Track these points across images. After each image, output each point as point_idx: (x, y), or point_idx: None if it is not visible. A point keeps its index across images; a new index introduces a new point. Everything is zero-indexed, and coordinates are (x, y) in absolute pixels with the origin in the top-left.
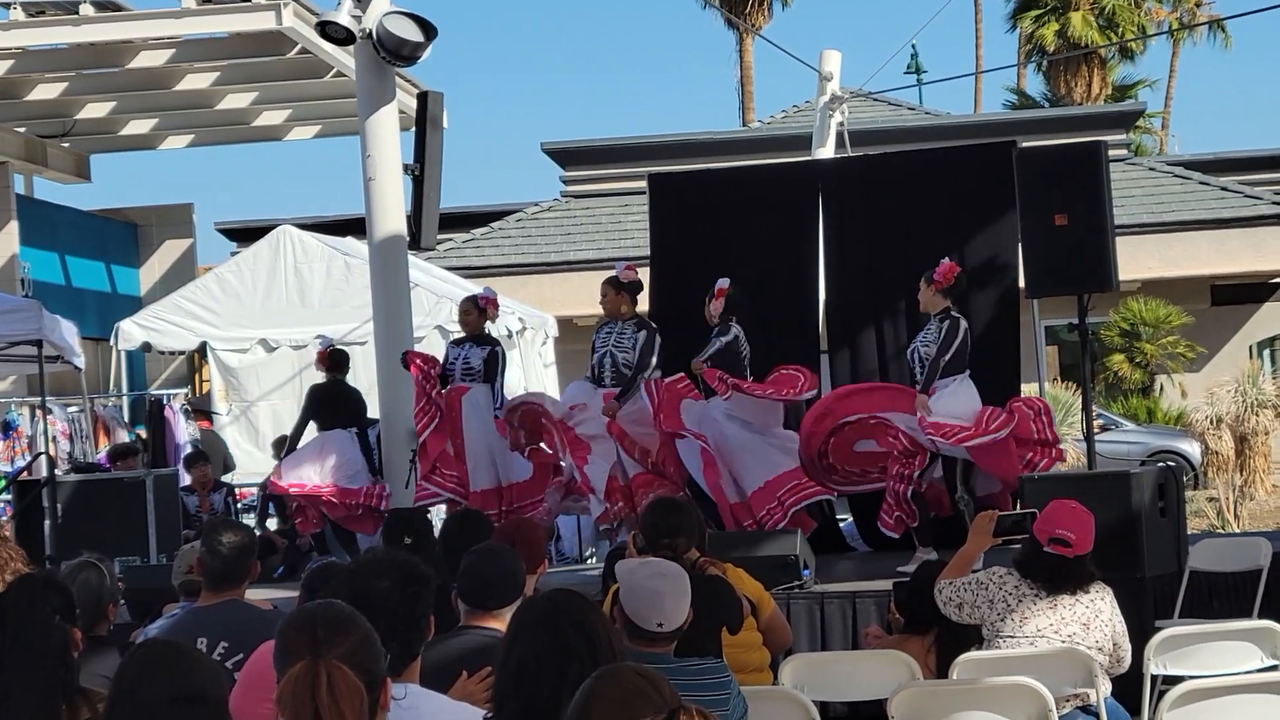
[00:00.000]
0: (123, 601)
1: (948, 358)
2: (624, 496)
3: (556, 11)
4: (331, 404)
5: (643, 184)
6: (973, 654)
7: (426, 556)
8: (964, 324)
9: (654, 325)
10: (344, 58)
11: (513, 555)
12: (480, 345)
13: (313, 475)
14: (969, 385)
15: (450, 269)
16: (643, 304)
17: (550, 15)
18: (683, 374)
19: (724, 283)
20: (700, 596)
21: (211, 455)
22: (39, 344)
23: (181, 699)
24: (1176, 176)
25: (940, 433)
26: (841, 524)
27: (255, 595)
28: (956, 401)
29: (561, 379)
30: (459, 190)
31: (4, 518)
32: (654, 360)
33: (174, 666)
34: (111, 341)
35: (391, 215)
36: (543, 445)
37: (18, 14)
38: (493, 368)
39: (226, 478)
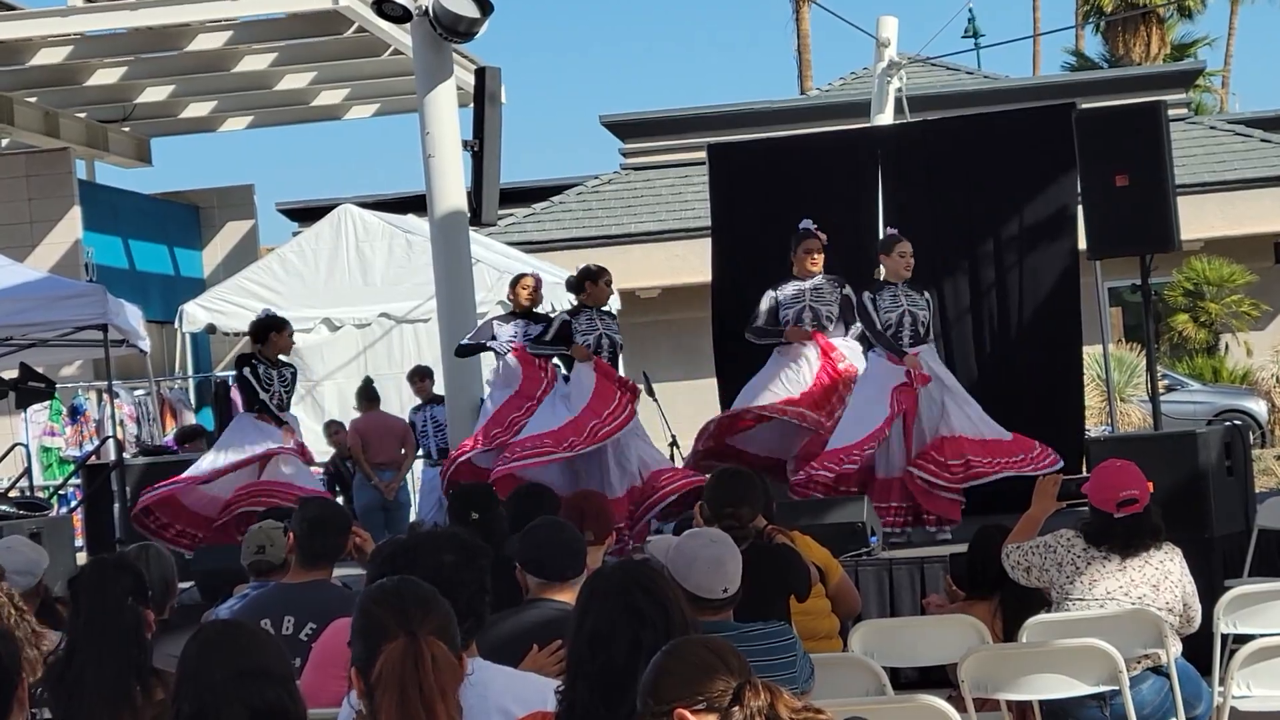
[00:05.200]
0: (191, 583)
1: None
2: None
3: None
4: None
5: (702, 155)
6: (1042, 616)
7: (494, 531)
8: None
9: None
10: (401, 35)
11: (574, 530)
12: (536, 322)
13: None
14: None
15: (511, 244)
16: (704, 273)
17: None
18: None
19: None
20: (768, 564)
21: None
22: (104, 328)
23: (246, 675)
24: (1237, 134)
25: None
26: None
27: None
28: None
29: (625, 353)
30: (519, 165)
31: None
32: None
33: (237, 644)
34: (176, 324)
35: (452, 192)
36: None
37: (76, 1)
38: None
39: None
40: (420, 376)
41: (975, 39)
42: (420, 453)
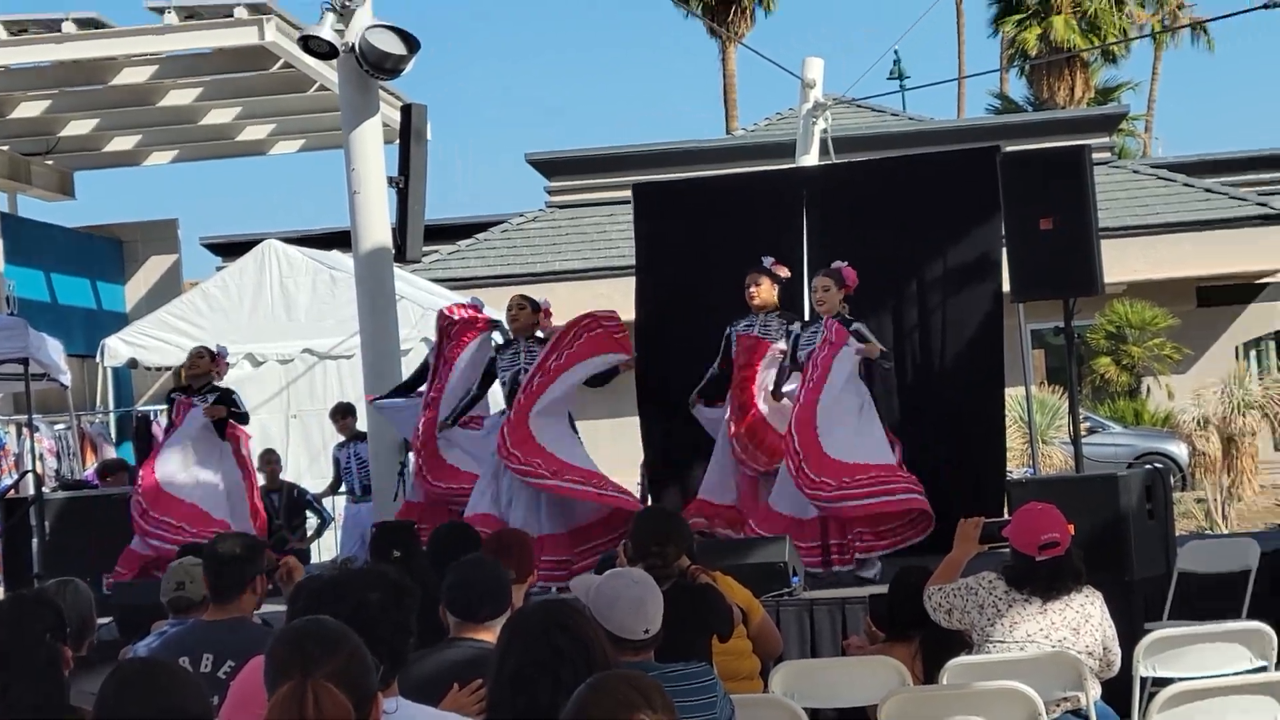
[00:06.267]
0: (110, 619)
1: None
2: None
3: (539, 23)
4: None
5: (627, 193)
6: (962, 659)
7: (415, 569)
8: (859, 324)
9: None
10: (327, 72)
11: (500, 566)
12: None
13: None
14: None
15: (436, 281)
16: (629, 312)
17: (533, 26)
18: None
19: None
20: (691, 605)
21: None
22: (25, 362)
23: (164, 714)
24: (1160, 179)
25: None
26: None
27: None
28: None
29: None
30: (444, 202)
31: None
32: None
33: (155, 683)
34: (98, 358)
35: (376, 228)
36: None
37: (0, 33)
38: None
39: None
40: (342, 414)
41: (901, 81)
42: (344, 489)
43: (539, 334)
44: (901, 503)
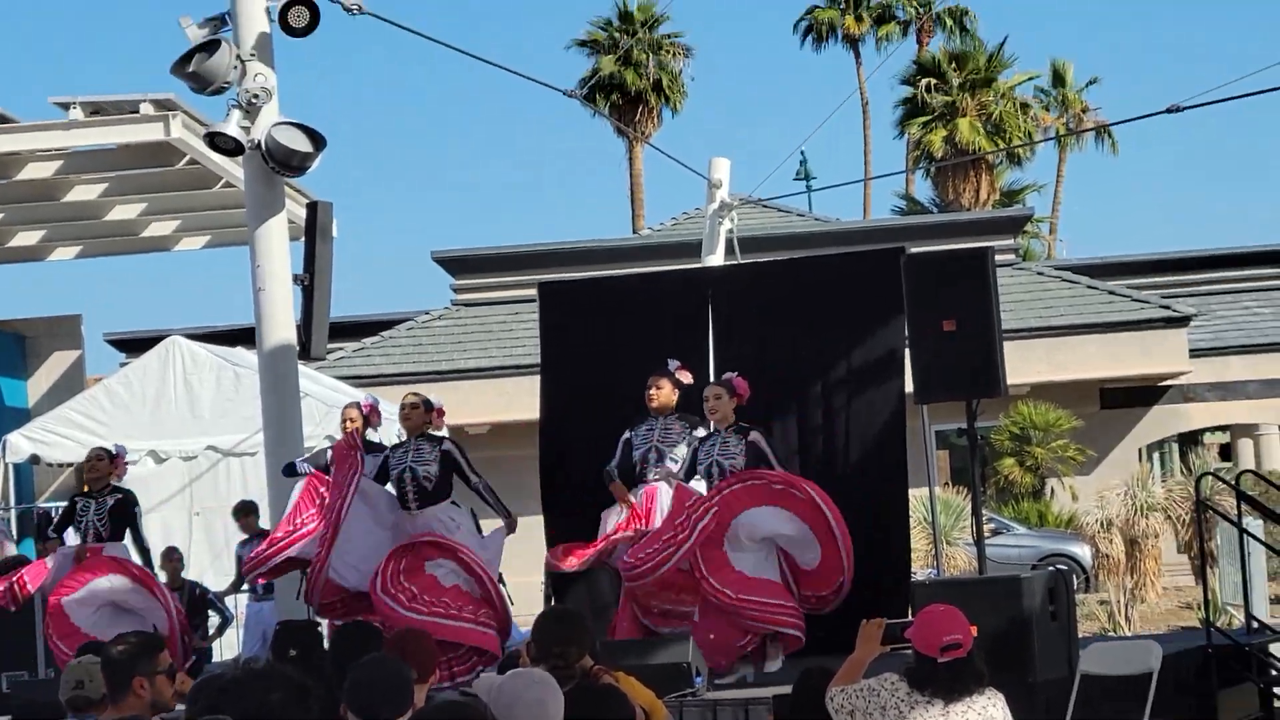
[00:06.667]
0: (9, 717)
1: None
2: None
3: (446, 119)
4: None
5: (533, 292)
6: None
7: (313, 668)
8: (756, 433)
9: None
10: (233, 168)
11: (402, 665)
12: (368, 451)
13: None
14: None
15: (341, 378)
16: (533, 410)
17: (440, 123)
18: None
19: None
20: (593, 705)
21: None
22: None
23: None
24: (1064, 281)
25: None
26: None
27: None
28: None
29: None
30: (349, 299)
31: None
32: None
33: None
34: None
35: (281, 325)
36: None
37: None
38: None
39: None
40: (244, 512)
41: (807, 181)
42: (245, 587)
43: (430, 433)
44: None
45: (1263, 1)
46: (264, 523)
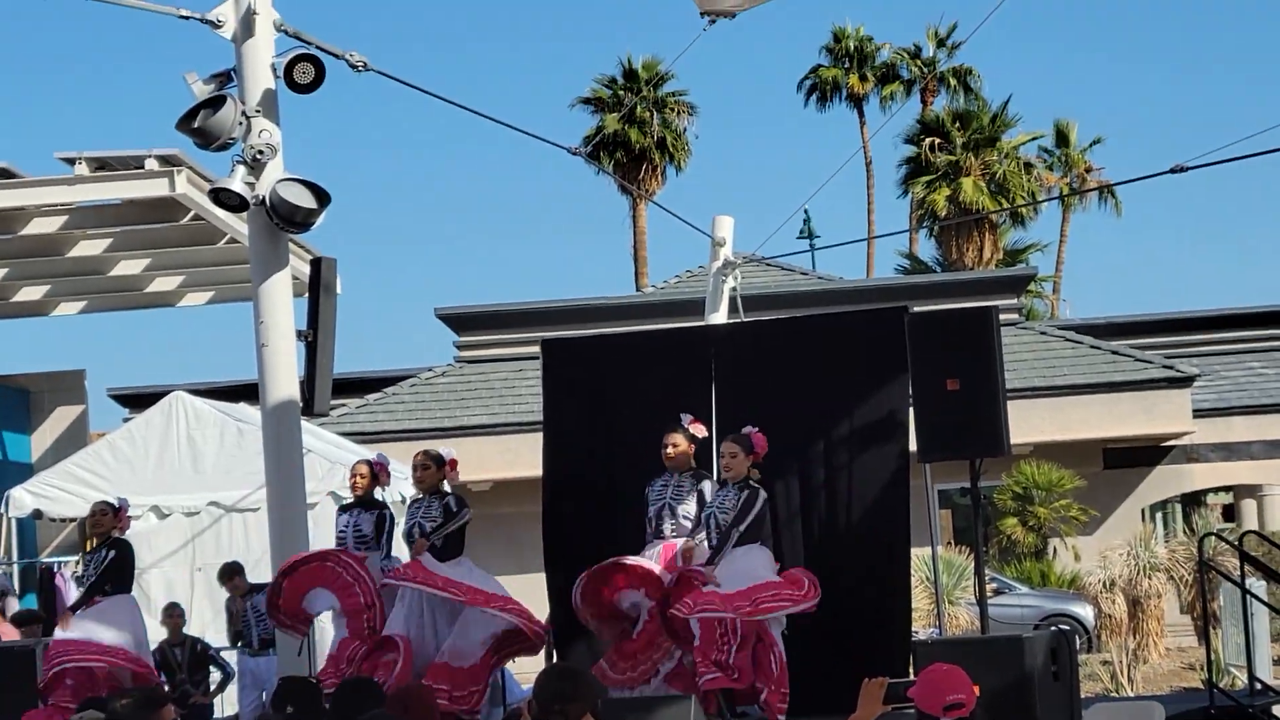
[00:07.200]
0: None
1: (743, 528)
2: None
3: (451, 178)
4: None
5: (536, 349)
6: None
7: None
8: (763, 495)
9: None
10: (237, 224)
11: None
12: (369, 510)
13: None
14: (760, 553)
15: (344, 434)
16: (536, 467)
17: (444, 180)
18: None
19: None
20: None
21: None
22: None
23: None
24: (1068, 340)
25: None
26: None
27: None
28: (739, 566)
29: None
30: (353, 355)
31: None
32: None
33: None
34: (2, 509)
35: (284, 381)
36: None
37: None
38: (381, 531)
39: None
40: (230, 575)
41: (811, 240)
42: (240, 643)
43: (445, 488)
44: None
45: (1268, 62)
46: (259, 576)
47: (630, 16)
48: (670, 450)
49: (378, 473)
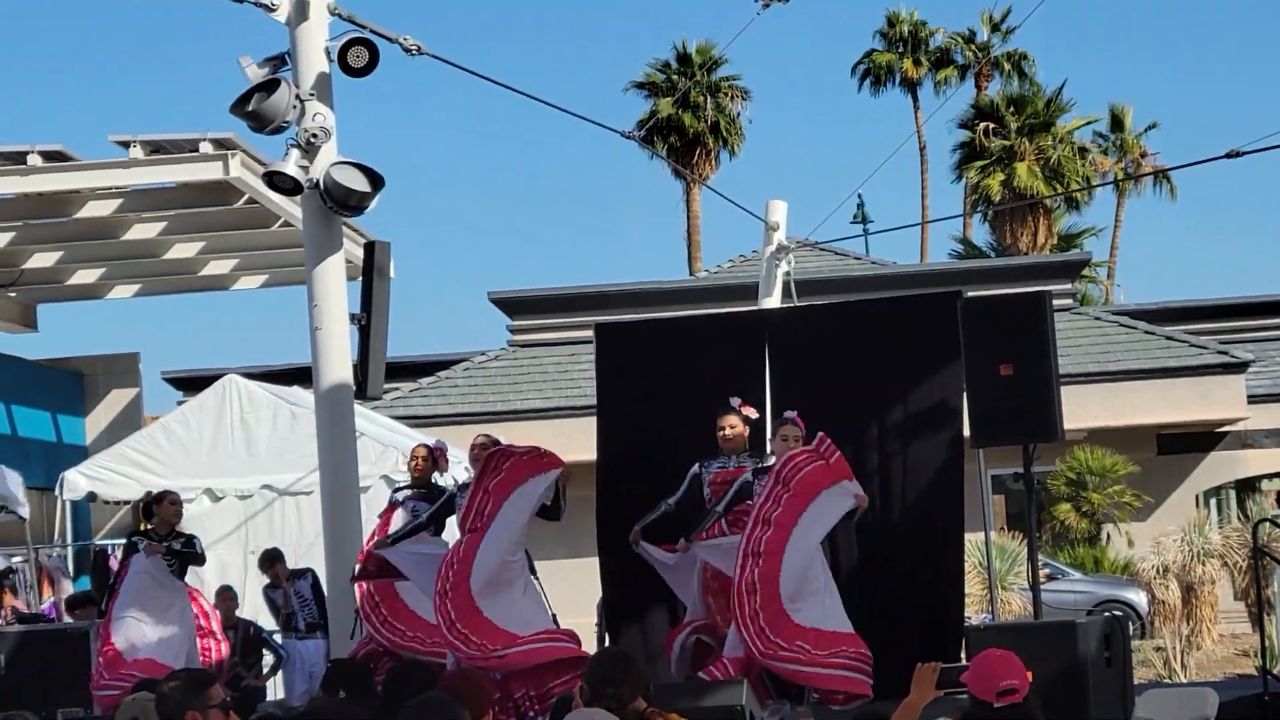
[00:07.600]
0: None
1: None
2: None
3: (504, 161)
4: None
5: (589, 333)
6: None
7: (365, 708)
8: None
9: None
10: (291, 207)
11: (453, 706)
12: (428, 500)
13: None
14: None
15: (396, 418)
16: (590, 451)
17: (498, 165)
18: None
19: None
20: None
21: None
22: None
23: None
24: (1122, 325)
25: None
26: None
27: None
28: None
29: None
30: (406, 339)
31: None
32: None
33: None
34: (56, 491)
35: (338, 365)
36: None
37: None
38: (435, 516)
39: None
40: (270, 562)
41: (864, 225)
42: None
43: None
44: (849, 681)
45: None
46: (313, 559)
47: (685, 1)
48: (728, 432)
49: (437, 457)
